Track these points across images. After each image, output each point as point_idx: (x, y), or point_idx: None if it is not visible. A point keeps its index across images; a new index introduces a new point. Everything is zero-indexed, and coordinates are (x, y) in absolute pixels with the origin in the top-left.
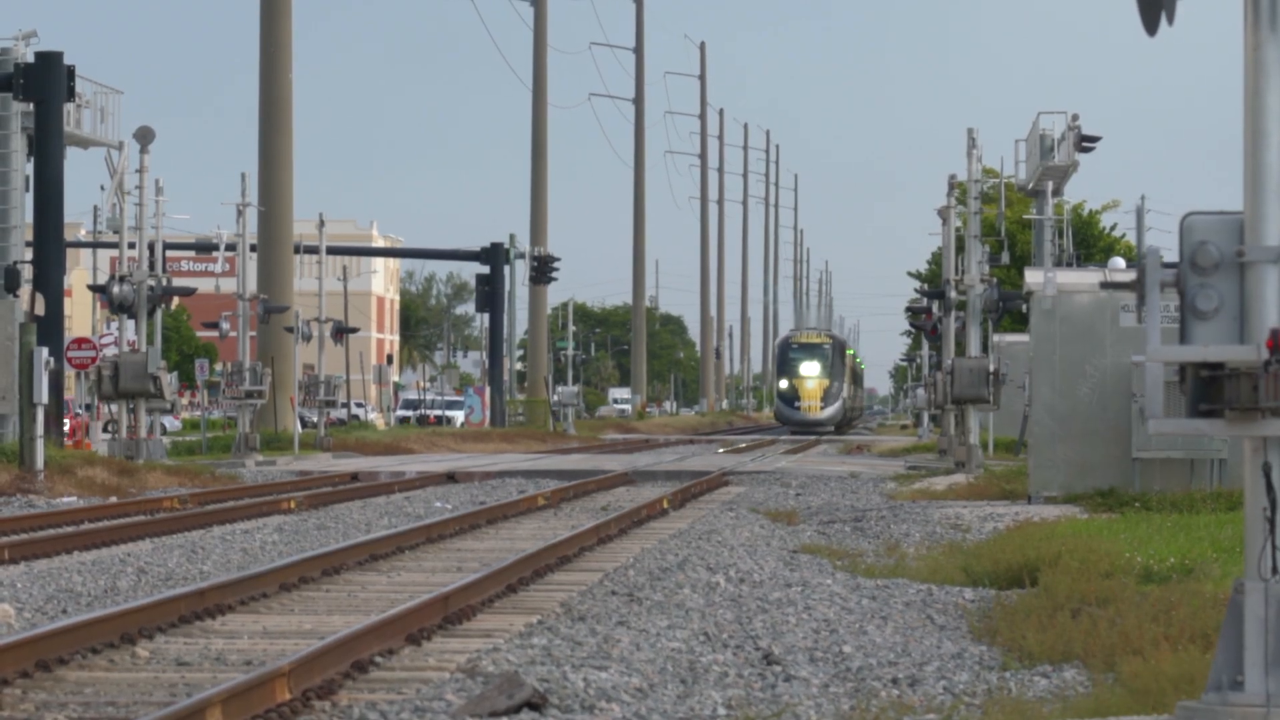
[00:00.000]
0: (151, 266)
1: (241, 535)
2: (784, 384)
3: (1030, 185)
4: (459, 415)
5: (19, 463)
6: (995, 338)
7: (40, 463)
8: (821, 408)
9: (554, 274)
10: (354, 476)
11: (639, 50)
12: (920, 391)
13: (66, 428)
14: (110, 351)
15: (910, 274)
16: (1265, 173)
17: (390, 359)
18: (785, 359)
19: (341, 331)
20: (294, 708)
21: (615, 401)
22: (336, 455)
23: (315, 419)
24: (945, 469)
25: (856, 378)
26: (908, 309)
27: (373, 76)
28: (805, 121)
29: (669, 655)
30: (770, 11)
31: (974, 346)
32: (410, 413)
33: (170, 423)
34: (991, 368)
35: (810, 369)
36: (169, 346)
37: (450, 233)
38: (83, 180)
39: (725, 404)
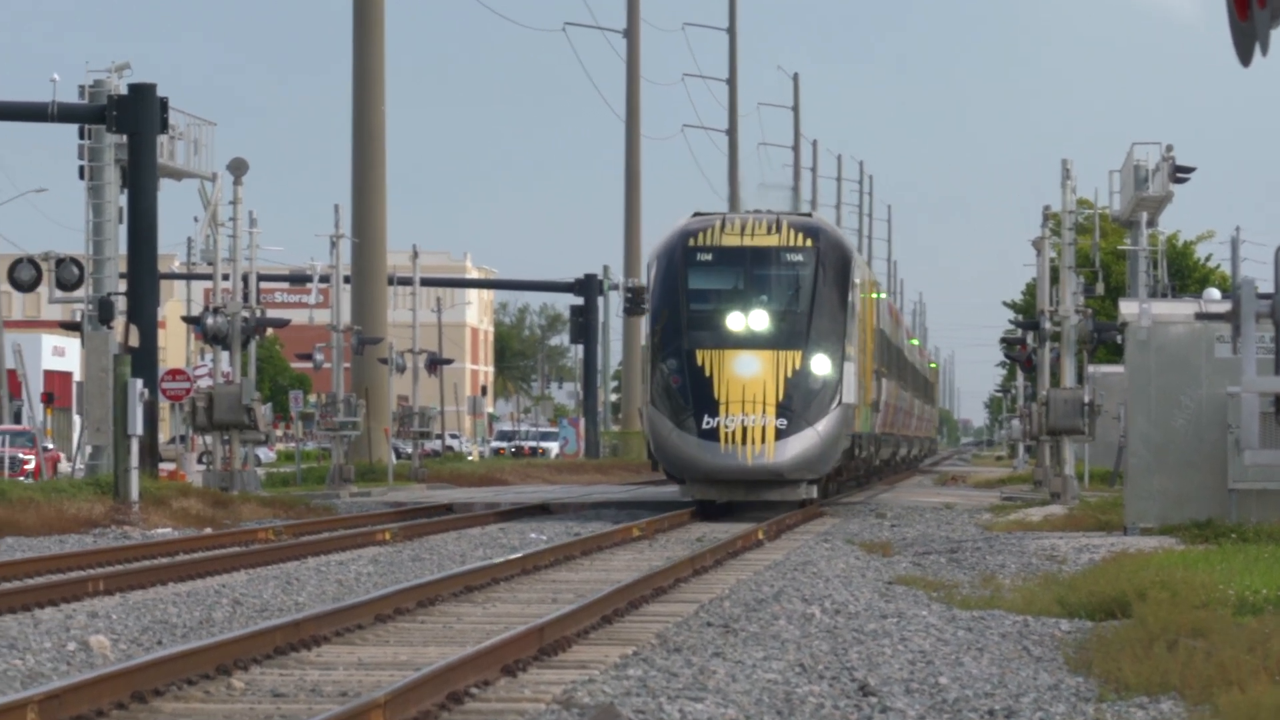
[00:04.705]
0: (245, 298)
1: (336, 566)
2: (671, 364)
3: (1124, 216)
4: (553, 446)
5: (114, 494)
6: (1090, 369)
7: (135, 494)
8: (780, 434)
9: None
10: (448, 508)
11: (732, 82)
12: (1015, 422)
13: (32, 464)
14: (205, 383)
15: (1005, 304)
16: None
17: (484, 390)
18: (676, 295)
19: (436, 363)
20: None
21: None
22: (431, 486)
23: (410, 450)
24: (1041, 500)
25: (892, 358)
26: (1002, 340)
27: (466, 107)
28: (899, 151)
29: (765, 686)
30: (862, 42)
31: (1069, 377)
32: (505, 444)
33: (265, 454)
34: (1087, 399)
35: (752, 320)
36: (263, 378)
37: (544, 264)
38: (176, 212)
39: None
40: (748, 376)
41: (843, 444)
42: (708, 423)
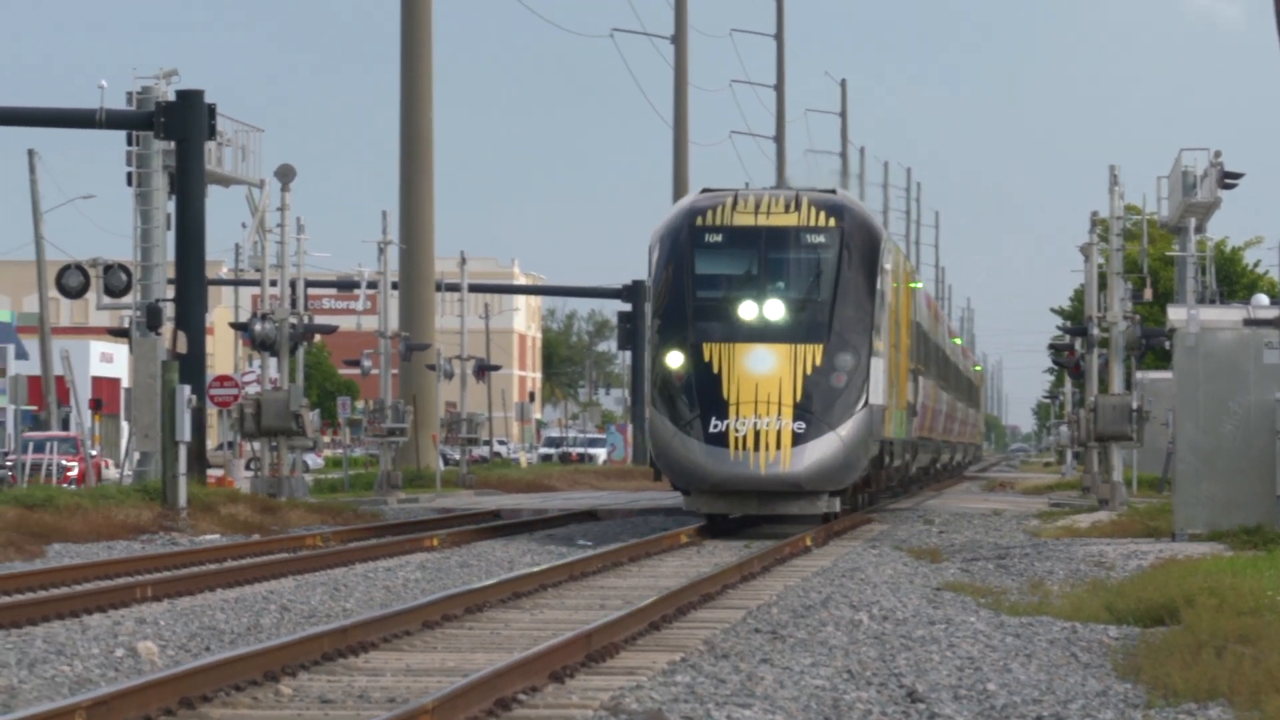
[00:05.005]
0: (293, 304)
1: (384, 573)
2: (675, 360)
3: (1173, 222)
4: (601, 453)
5: (162, 500)
6: (1138, 375)
7: (183, 500)
8: (798, 438)
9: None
10: (496, 514)
11: (779, 87)
12: (1064, 428)
13: (76, 471)
14: (252, 389)
15: (1053, 310)
16: None
17: (532, 396)
18: (681, 281)
19: (483, 369)
20: None
21: None
22: (479, 493)
23: (458, 456)
24: (1089, 506)
25: (931, 356)
26: (1051, 346)
27: (514, 113)
28: (946, 158)
29: (812, 693)
30: (910, 49)
31: (1117, 383)
32: (552, 450)
33: (313, 460)
34: (1135, 405)
35: (767, 309)
36: (311, 384)
37: (591, 270)
38: (224, 218)
39: None
40: (761, 374)
41: (870, 450)
42: (715, 426)
